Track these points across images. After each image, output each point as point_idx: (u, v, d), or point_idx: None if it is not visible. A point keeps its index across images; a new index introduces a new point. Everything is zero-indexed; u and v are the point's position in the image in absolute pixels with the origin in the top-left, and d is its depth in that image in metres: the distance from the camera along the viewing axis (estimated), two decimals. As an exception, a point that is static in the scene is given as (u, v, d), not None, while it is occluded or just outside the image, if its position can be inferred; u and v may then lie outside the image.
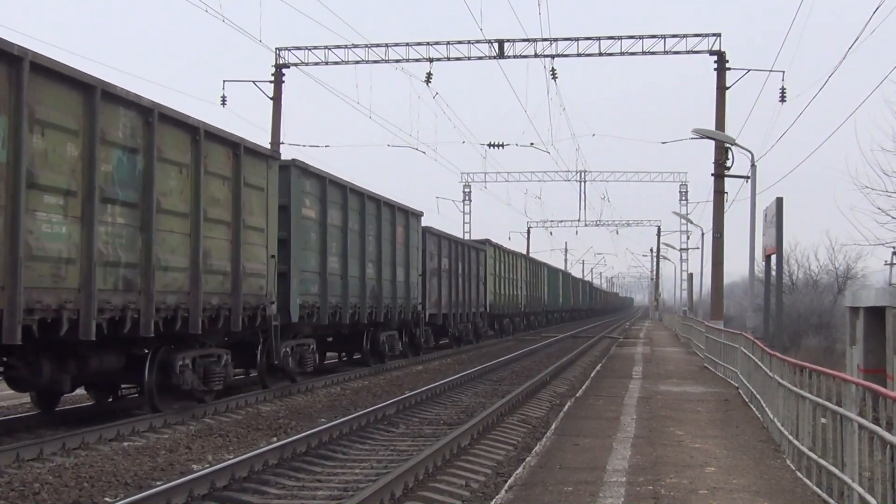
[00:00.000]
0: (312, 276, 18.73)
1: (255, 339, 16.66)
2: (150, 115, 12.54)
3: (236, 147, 14.90)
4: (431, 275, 29.27)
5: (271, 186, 16.32)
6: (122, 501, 8.08)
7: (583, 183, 62.56)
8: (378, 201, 23.18)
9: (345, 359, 25.83)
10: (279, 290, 16.80)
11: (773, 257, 24.36)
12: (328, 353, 24.13)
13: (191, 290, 13.51)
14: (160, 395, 13.72)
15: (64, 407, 14.34)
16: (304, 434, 11.77)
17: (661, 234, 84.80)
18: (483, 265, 38.06)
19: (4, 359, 11.84)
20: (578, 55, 33.43)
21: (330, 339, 22.83)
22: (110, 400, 14.81)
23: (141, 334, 12.42)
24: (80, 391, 15.02)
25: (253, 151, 15.60)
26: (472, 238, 47.71)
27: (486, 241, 40.31)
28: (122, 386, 14.76)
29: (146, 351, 13.57)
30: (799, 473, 9.77)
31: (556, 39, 33.32)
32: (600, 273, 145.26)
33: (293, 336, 18.24)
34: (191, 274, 13.51)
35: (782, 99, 31.67)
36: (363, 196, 21.96)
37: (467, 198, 65.89)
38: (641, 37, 33.22)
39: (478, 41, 33.28)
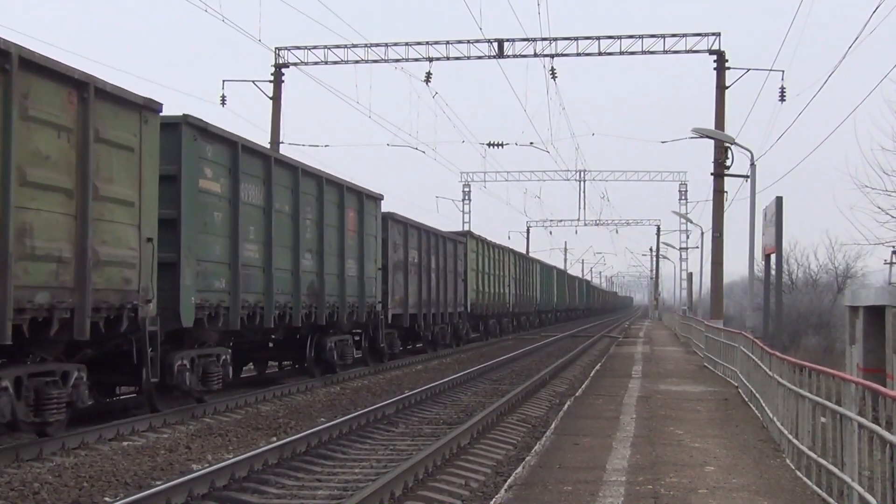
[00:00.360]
0: (217, 267, 14.73)
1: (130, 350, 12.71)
2: None
3: (83, 87, 10.94)
4: (395, 269, 25.60)
5: (147, 147, 12.37)
6: (122, 501, 8.07)
7: (582, 182, 62.65)
8: (319, 178, 19.05)
9: (296, 367, 21.87)
10: (163, 286, 13.04)
11: (773, 256, 24.33)
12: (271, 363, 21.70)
13: None
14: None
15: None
16: (303, 433, 11.77)
17: (661, 233, 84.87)
18: (462, 259, 34.44)
19: None
20: (578, 55, 33.45)
21: (270, 345, 19.78)
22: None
23: None
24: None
25: (114, 97, 11.60)
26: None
27: (467, 233, 37.22)
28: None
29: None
30: (798, 473, 9.77)
31: (555, 39, 33.35)
32: (600, 273, 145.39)
33: (199, 345, 14.73)
34: None
35: (782, 98, 31.67)
36: (297, 171, 17.83)
37: (467, 197, 65.93)
38: (641, 36, 33.26)
39: (477, 41, 33.30)
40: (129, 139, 11.97)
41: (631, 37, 33.27)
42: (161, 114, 12.76)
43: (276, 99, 34.42)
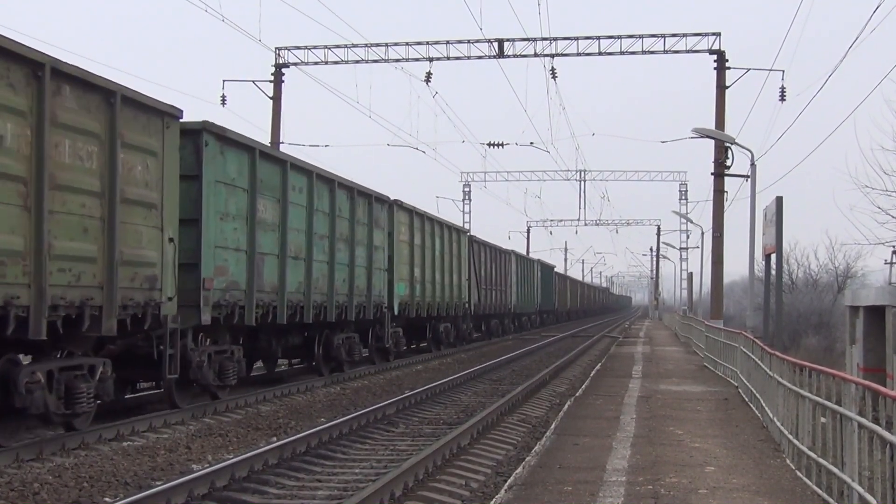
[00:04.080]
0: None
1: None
2: None
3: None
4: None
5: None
6: (122, 501, 8.08)
7: (582, 182, 62.54)
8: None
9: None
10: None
11: (773, 256, 24.32)
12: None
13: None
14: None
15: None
16: (303, 434, 11.77)
17: (661, 233, 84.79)
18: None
19: None
20: (578, 54, 33.43)
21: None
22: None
23: None
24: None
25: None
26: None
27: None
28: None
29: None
30: (799, 473, 9.77)
31: (555, 39, 33.34)
32: (600, 272, 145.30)
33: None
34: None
35: (782, 98, 31.66)
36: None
37: (467, 197, 65.88)
38: (641, 36, 33.24)
39: (477, 40, 33.29)
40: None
41: (631, 36, 33.26)
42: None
43: (277, 99, 34.43)
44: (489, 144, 46.70)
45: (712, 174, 31.86)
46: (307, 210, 18.03)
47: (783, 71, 32.63)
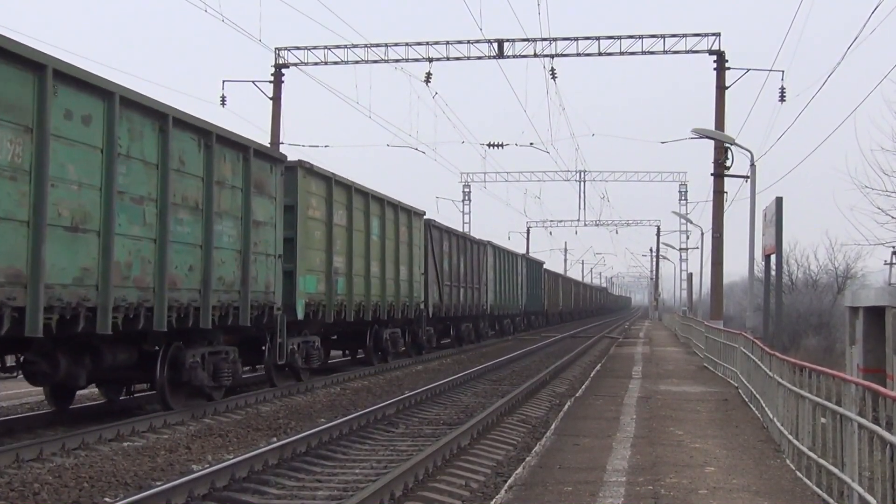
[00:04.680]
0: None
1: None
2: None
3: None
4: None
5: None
6: (123, 502, 8.07)
7: (582, 183, 62.57)
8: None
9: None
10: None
11: (773, 257, 24.33)
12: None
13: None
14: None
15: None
16: (303, 434, 11.77)
17: (661, 233, 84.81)
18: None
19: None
20: (578, 55, 33.44)
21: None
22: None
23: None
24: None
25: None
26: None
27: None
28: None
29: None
30: (799, 473, 9.77)
31: (555, 39, 33.34)
32: (600, 273, 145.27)
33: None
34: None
35: (782, 98, 31.65)
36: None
37: (467, 198, 65.93)
38: (641, 36, 33.24)
39: (477, 41, 33.30)
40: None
41: (631, 37, 33.27)
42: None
43: (277, 99, 34.42)
44: (489, 145, 46.74)
45: (712, 175, 31.87)
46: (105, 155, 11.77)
47: (783, 71, 32.66)
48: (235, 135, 15.04)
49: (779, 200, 21.95)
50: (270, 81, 34.41)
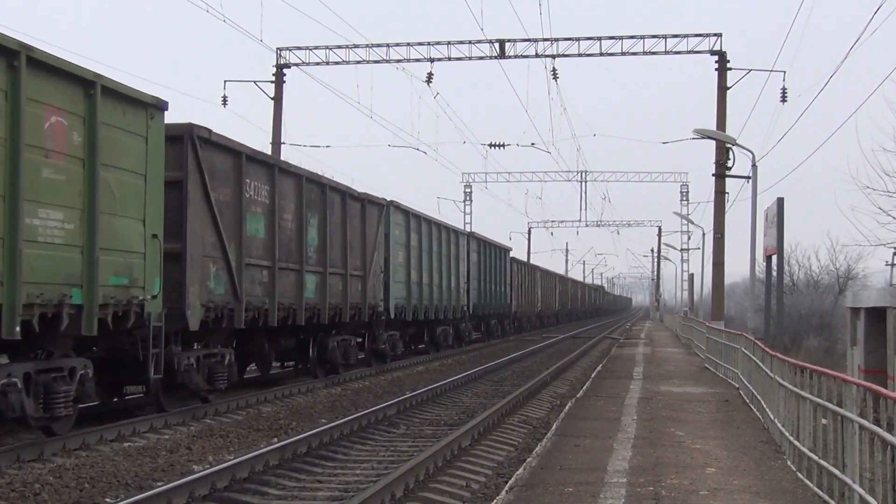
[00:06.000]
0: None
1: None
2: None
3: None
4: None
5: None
6: (123, 502, 8.08)
7: (584, 183, 62.54)
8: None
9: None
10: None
11: (774, 258, 24.32)
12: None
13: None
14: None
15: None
16: (304, 435, 11.77)
17: (662, 234, 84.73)
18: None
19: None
20: (579, 55, 33.42)
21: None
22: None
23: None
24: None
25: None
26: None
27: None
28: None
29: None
30: (800, 474, 9.76)
31: (557, 39, 33.33)
32: (601, 273, 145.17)
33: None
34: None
35: (783, 99, 31.61)
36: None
37: (468, 198, 65.82)
38: (642, 37, 33.23)
39: (479, 41, 33.29)
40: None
41: (632, 37, 33.26)
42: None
43: (278, 99, 34.42)
44: (490, 145, 46.69)
45: (713, 175, 31.85)
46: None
47: (784, 72, 32.46)
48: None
49: (780, 201, 21.95)
50: (272, 82, 34.40)
